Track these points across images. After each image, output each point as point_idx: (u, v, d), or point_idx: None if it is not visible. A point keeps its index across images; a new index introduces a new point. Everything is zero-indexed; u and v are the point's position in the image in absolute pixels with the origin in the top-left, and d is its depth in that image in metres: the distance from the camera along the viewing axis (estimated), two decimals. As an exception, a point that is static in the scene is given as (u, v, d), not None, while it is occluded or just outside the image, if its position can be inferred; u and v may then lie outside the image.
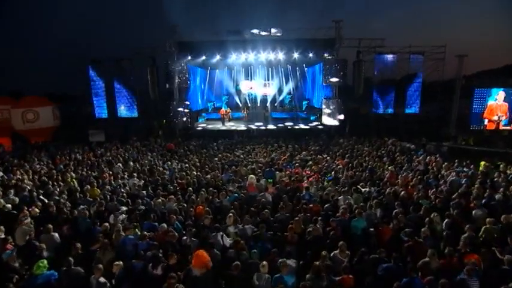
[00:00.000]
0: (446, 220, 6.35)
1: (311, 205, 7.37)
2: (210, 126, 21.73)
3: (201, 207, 7.40)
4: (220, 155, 12.80)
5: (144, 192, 8.49)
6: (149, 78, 19.23)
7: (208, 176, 9.81)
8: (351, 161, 11.73)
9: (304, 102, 25.50)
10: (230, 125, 21.75)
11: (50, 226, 6.14)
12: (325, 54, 19.39)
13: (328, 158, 12.11)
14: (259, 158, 12.06)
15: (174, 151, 14.25)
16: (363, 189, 8.58)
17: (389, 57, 18.76)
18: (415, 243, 5.63)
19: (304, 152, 13.23)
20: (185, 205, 7.68)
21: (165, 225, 6.34)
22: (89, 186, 9.07)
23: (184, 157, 12.81)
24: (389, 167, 9.90)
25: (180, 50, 19.06)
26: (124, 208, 7.30)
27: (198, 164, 11.52)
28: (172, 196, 8.04)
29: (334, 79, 19.14)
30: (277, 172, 9.99)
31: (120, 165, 11.81)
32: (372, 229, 6.21)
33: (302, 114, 24.52)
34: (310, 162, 11.51)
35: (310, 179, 9.24)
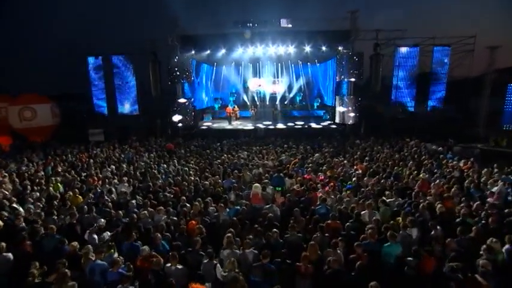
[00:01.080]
0: (507, 247, 4.88)
1: (329, 221, 5.99)
2: (215, 125, 20.53)
3: (194, 222, 6.12)
4: (223, 157, 11.51)
5: (134, 201, 7.28)
6: (150, 74, 18.12)
7: (207, 182, 8.52)
8: (371, 165, 10.27)
9: (316, 100, 23.98)
10: (237, 124, 20.50)
11: (3, 244, 4.98)
12: (340, 48, 17.89)
13: (345, 161, 10.66)
14: (266, 161, 10.71)
15: (173, 152, 13.05)
16: (388, 200, 7.13)
17: (411, 50, 17.07)
18: (470, 282, 4.19)
19: (317, 155, 11.80)
20: (176, 219, 6.42)
21: (146, 248, 5.08)
22: (71, 193, 7.95)
23: (184, 159, 11.58)
24: (421, 174, 8.36)
25: (183, 43, 17.89)
26: (102, 221, 6.08)
27: (197, 167, 10.26)
28: (162, 207, 6.80)
29: (349, 75, 17.61)
30: (287, 179, 8.60)
31: (114, 167, 10.69)
32: (410, 258, 4.79)
33: (315, 112, 23.05)
34: (325, 167, 10.10)
35: (326, 188, 7.83)
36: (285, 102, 24.25)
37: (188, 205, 7.21)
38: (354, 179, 8.81)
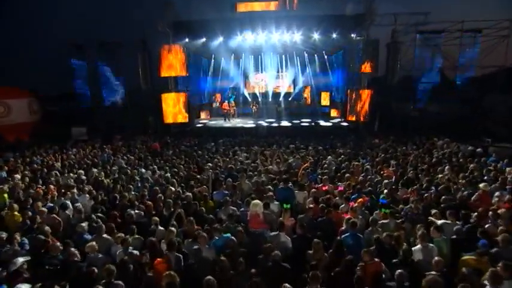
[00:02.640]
0: None
1: (364, 262, 3.94)
2: (212, 123, 18.51)
3: (162, 262, 4.09)
4: (216, 160, 9.46)
5: (85, 224, 5.27)
6: (140, 65, 16.14)
7: (192, 194, 6.48)
8: (400, 170, 8.18)
9: (324, 96, 21.87)
10: (236, 122, 18.49)
11: None
12: (352, 35, 15.75)
13: (368, 165, 8.56)
14: (269, 165, 8.62)
15: (158, 153, 11.03)
16: (439, 222, 5.06)
17: (435, 36, 14.90)
18: None
19: (329, 157, 9.71)
20: (137, 253, 4.40)
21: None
22: (7, 210, 5.96)
23: (169, 162, 9.54)
24: (482, 185, 6.23)
25: (175, 30, 15.86)
26: (21, 260, 4.05)
27: (182, 173, 8.21)
28: (122, 234, 4.78)
29: (363, 65, 15.48)
30: (297, 191, 6.51)
31: (82, 172, 8.68)
32: None
33: (323, 109, 20.98)
34: (342, 173, 8.03)
35: (351, 204, 5.76)
36: (289, 99, 22.18)
37: (162, 229, 5.20)
38: (384, 190, 6.73)
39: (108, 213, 5.88)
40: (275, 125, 16.79)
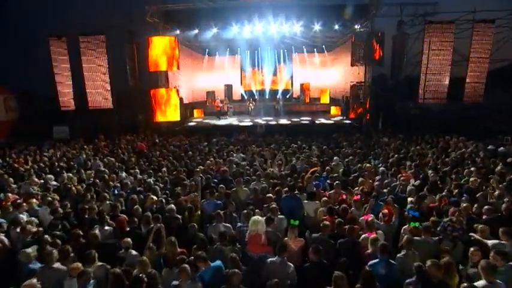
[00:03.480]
0: None
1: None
2: (206, 121, 17.32)
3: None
4: (209, 161, 8.28)
5: (30, 249, 4.05)
6: (126, 59, 14.88)
7: (176, 205, 5.29)
8: (420, 172, 7.11)
9: (324, 93, 20.79)
10: (231, 120, 17.32)
11: None
12: (356, 26, 14.68)
13: (382, 167, 7.45)
14: (270, 168, 7.45)
15: (144, 155, 9.81)
16: (490, 241, 3.97)
17: (445, 27, 13.87)
18: None
19: (336, 158, 8.59)
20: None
21: None
22: None
23: (155, 165, 8.33)
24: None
25: (166, 21, 14.65)
26: None
27: (167, 178, 7.01)
28: (78, 264, 3.59)
29: (367, 59, 14.40)
30: (306, 201, 5.34)
31: (52, 177, 7.44)
32: None
33: (323, 107, 19.96)
34: (355, 176, 6.91)
35: (367, 217, 4.62)
36: (287, 96, 21.08)
37: (134, 253, 4.03)
38: (408, 197, 5.63)
39: (71, 231, 4.68)
40: (273, 123, 15.63)
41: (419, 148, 9.93)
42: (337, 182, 5.99)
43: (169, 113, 15.69)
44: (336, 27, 14.47)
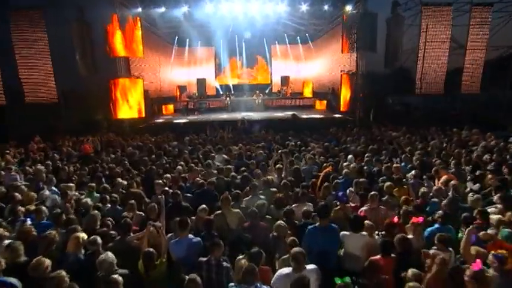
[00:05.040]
0: None
1: None
2: (178, 120, 14.81)
3: None
4: (179, 167, 6.00)
5: None
6: (75, 42, 12.02)
7: (111, 254, 3.00)
8: (468, 173, 5.40)
9: (308, 86, 19.10)
10: (205, 117, 15.01)
11: None
12: (347, 8, 13.01)
13: (413, 171, 5.59)
14: (267, 175, 5.31)
15: (90, 159, 7.27)
16: None
17: (443, 10, 12.61)
18: None
19: (350, 156, 6.67)
20: None
21: None
22: None
23: (106, 172, 5.89)
24: None
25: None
26: None
27: (117, 195, 4.64)
28: None
29: (359, 45, 12.78)
30: (350, 233, 3.24)
31: None
32: None
33: (307, 100, 18.28)
34: (383, 183, 5.00)
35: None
36: (266, 91, 19.13)
37: None
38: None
39: None
40: (257, 117, 13.52)
41: (435, 143, 8.30)
42: (373, 192, 4.02)
43: (133, 109, 13.09)
44: (326, 7, 12.69)
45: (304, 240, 3.03)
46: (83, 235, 3.24)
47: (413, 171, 5.47)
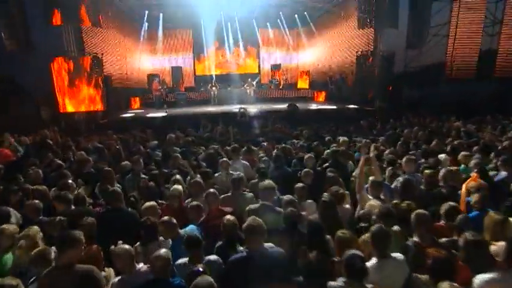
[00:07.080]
0: None
1: None
2: (150, 115, 11.50)
3: None
4: (176, 187, 3.07)
5: None
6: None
7: None
8: None
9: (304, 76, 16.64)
10: (186, 110, 11.96)
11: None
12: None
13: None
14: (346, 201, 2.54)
15: (14, 171, 4.01)
16: None
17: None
18: None
19: (388, 152, 4.31)
20: None
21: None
22: None
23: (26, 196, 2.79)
24: None
25: None
26: None
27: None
28: None
29: (378, 22, 10.51)
30: None
31: None
32: None
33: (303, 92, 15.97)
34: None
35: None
36: (255, 82, 16.41)
37: None
38: None
39: None
40: (256, 110, 10.65)
41: (481, 134, 6.07)
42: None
43: (89, 99, 9.68)
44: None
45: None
46: None
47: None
